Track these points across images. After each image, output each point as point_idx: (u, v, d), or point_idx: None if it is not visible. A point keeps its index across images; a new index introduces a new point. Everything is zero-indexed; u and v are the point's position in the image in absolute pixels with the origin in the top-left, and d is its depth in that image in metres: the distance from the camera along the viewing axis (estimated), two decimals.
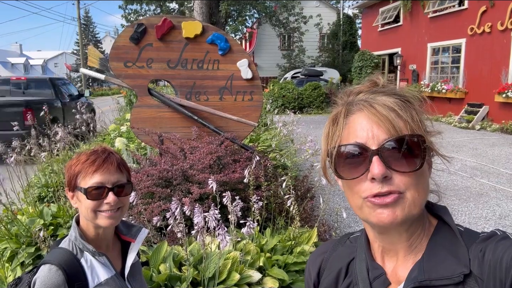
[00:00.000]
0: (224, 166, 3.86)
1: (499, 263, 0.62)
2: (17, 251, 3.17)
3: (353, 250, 0.85)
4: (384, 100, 0.68)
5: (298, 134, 7.95)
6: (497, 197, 5.67)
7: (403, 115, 0.67)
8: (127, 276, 1.36)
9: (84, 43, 47.49)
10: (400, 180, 0.66)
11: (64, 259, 1.22)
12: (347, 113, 0.71)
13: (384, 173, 0.65)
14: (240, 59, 4.60)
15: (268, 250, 3.11)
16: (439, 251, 0.70)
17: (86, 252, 1.28)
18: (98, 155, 1.27)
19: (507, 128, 11.35)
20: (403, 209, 0.66)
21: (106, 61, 4.44)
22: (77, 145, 6.58)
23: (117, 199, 1.25)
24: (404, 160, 0.66)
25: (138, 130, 4.35)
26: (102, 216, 1.26)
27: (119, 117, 12.11)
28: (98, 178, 1.23)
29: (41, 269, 1.21)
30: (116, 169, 1.27)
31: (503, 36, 11.91)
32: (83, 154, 1.29)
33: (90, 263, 1.27)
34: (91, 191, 1.23)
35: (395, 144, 0.65)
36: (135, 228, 1.44)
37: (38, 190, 4.84)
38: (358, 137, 0.68)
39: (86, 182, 1.24)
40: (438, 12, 14.72)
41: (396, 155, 0.65)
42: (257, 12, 20.89)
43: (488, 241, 0.68)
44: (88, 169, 1.24)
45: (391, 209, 0.66)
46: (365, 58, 19.09)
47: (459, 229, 0.74)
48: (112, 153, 1.30)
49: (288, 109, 13.37)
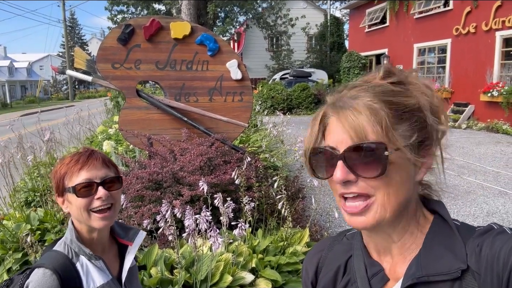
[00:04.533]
0: (215, 168, 3.84)
1: (497, 258, 0.62)
2: (3, 257, 3.10)
3: (350, 247, 0.84)
4: (357, 104, 0.68)
5: (288, 135, 7.97)
6: (485, 194, 5.75)
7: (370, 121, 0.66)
8: (124, 281, 1.33)
9: (70, 45, 46.90)
10: (366, 184, 0.67)
11: (59, 263, 1.18)
12: (324, 115, 0.73)
13: (343, 178, 0.67)
14: (229, 60, 4.58)
15: (260, 251, 3.10)
16: (436, 247, 0.70)
17: (82, 255, 1.24)
18: (81, 154, 1.25)
19: (492, 126, 11.55)
20: (374, 215, 0.68)
21: (93, 63, 4.38)
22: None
23: (108, 193, 1.22)
24: (367, 166, 0.66)
25: (126, 133, 4.30)
26: (95, 217, 1.22)
27: (107, 119, 11.98)
28: (85, 175, 1.21)
29: (35, 273, 1.16)
30: (102, 164, 1.25)
31: (488, 36, 12.13)
32: (66, 157, 1.27)
33: (85, 268, 1.23)
34: (80, 188, 1.20)
35: (357, 150, 0.66)
36: (132, 230, 1.41)
37: (24, 194, 4.75)
38: (331, 140, 0.70)
39: (73, 181, 1.21)
40: (423, 13, 14.93)
41: (360, 160, 0.66)
42: (244, 14, 20.90)
43: (485, 235, 0.68)
44: (73, 168, 1.22)
45: (361, 217, 0.68)
46: (352, 59, 19.25)
47: (455, 223, 0.74)
48: (95, 151, 1.28)
49: (277, 110, 13.40)
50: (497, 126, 11.41)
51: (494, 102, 11.84)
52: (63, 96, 51.82)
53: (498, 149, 8.94)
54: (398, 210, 0.69)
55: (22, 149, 5.20)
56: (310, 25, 27.03)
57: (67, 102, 35.23)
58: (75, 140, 7.78)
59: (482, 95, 12.16)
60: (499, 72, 11.98)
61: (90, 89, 59.84)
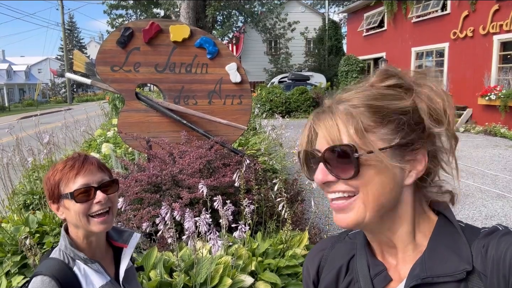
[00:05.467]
0: (214, 170, 3.83)
1: (502, 259, 0.62)
2: (2, 260, 3.08)
3: (353, 247, 0.84)
4: (338, 108, 0.71)
5: (287, 138, 7.97)
6: (483, 197, 5.76)
7: (345, 125, 0.68)
8: (122, 281, 1.34)
9: (69, 48, 46.91)
10: (346, 185, 0.69)
11: (57, 269, 1.19)
12: (314, 119, 0.75)
13: (322, 179, 0.70)
14: (228, 63, 4.58)
15: (260, 254, 3.09)
16: (441, 248, 0.70)
17: (78, 260, 1.25)
18: (75, 159, 1.25)
19: (490, 130, 11.59)
20: (356, 213, 0.69)
21: (92, 66, 4.38)
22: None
23: (107, 197, 1.24)
24: (343, 168, 0.68)
25: (125, 135, 4.30)
26: (94, 222, 1.23)
27: (105, 122, 11.96)
28: (82, 180, 1.21)
29: (33, 281, 1.16)
30: (97, 169, 1.26)
31: (485, 40, 12.19)
32: (58, 164, 1.27)
33: (83, 271, 1.24)
34: (78, 194, 1.20)
35: (332, 153, 0.69)
36: (126, 233, 1.42)
37: (23, 197, 4.73)
38: (317, 143, 0.73)
39: (70, 187, 1.21)
40: (421, 17, 15.01)
41: (336, 162, 0.69)
42: (243, 17, 20.93)
43: (490, 236, 0.67)
44: (69, 174, 1.22)
45: (344, 214, 0.71)
46: (350, 63, 19.30)
47: (460, 225, 0.73)
48: (88, 156, 1.29)
49: (276, 113, 13.41)
50: (495, 129, 11.45)
51: (492, 106, 11.88)
52: (61, 99, 51.79)
53: (496, 153, 8.97)
54: (379, 211, 0.69)
55: (20, 152, 5.19)
56: (309, 29, 27.12)
57: (65, 105, 35.17)
58: (73, 143, 7.77)
59: (480, 99, 12.20)
60: (497, 76, 12.04)
61: (88, 92, 59.75)
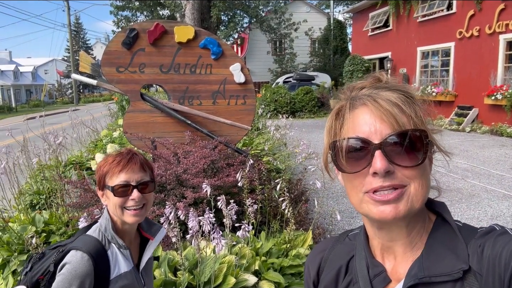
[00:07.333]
0: (218, 170, 3.85)
1: (498, 259, 0.63)
2: (9, 259, 3.12)
3: (352, 248, 0.85)
4: (388, 95, 0.69)
5: (291, 138, 7.98)
6: (489, 197, 5.73)
7: (406, 110, 0.67)
8: (141, 270, 1.46)
9: (75, 49, 47.22)
10: (403, 175, 0.66)
11: (95, 249, 1.29)
12: (350, 107, 0.71)
13: (386, 167, 0.65)
14: (233, 63, 4.60)
15: (264, 253, 3.10)
16: (438, 248, 0.70)
17: (113, 244, 1.37)
18: (123, 156, 1.38)
19: (496, 130, 11.50)
20: (406, 204, 0.67)
21: (98, 66, 4.42)
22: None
23: (141, 196, 1.36)
24: (406, 155, 0.66)
25: (131, 135, 4.33)
26: (128, 214, 1.36)
27: (111, 123, 12.04)
28: (123, 177, 1.35)
29: (73, 255, 1.26)
30: (139, 168, 1.38)
31: (491, 40, 12.10)
32: (110, 156, 1.41)
33: (115, 255, 1.36)
34: (118, 189, 1.34)
35: (398, 139, 0.66)
36: (155, 226, 1.55)
37: (29, 197, 4.78)
38: (361, 131, 0.68)
39: (113, 181, 1.35)
40: (427, 17, 14.92)
41: (399, 149, 0.66)
42: (248, 18, 20.95)
43: (486, 236, 0.68)
44: (115, 169, 1.36)
45: (393, 204, 0.67)
46: (356, 63, 19.23)
47: (457, 224, 0.73)
48: (135, 154, 1.41)
49: (280, 114, 13.41)
50: (501, 129, 11.36)
51: (498, 105, 11.79)
52: (67, 100, 52.16)
53: (503, 152, 8.90)
54: (424, 202, 0.69)
55: (27, 152, 5.25)
56: (314, 29, 27.05)
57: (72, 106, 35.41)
58: (79, 143, 7.83)
59: (486, 98, 12.11)
60: (503, 75, 11.94)
61: (94, 93, 60.10)
